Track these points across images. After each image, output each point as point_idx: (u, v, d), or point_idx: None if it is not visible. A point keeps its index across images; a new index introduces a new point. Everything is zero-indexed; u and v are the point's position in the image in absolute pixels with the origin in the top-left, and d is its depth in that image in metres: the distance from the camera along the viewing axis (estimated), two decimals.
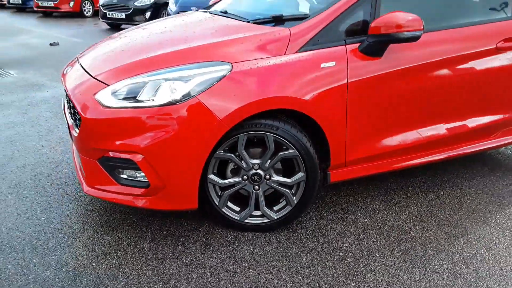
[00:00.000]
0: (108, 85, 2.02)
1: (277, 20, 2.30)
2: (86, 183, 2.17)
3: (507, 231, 2.33)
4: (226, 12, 2.78)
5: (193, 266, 1.96)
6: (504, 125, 2.84)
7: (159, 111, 1.92)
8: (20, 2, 14.65)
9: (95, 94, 2.02)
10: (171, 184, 2.00)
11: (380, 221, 2.39)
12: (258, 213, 2.23)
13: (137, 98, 1.95)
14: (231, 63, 1.99)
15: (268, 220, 2.23)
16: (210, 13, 2.92)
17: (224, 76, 1.95)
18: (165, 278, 1.87)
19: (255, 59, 2.04)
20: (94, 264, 1.96)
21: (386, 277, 1.93)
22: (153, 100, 1.93)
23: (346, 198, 2.65)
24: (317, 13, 2.20)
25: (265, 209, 2.21)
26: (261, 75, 2.01)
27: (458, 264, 2.04)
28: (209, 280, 1.87)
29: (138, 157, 1.96)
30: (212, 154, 2.05)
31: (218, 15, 2.80)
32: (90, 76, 2.15)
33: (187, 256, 2.03)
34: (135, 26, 3.04)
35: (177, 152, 1.94)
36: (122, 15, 10.34)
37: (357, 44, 2.19)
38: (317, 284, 1.86)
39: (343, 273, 1.94)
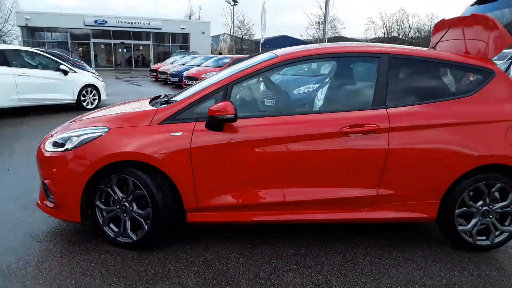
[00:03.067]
0: (51, 138, 3.32)
1: (168, 103, 3.31)
2: (39, 199, 3.44)
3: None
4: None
5: (64, 259, 2.98)
6: (372, 201, 3.16)
7: (62, 154, 3.10)
8: (177, 80, 18.36)
9: (45, 143, 3.33)
10: (64, 203, 3.11)
11: (218, 259, 3.03)
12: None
13: (63, 146, 3.18)
14: (110, 127, 3.09)
15: (131, 240, 3.12)
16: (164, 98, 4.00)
17: (100, 136, 3.05)
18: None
19: (128, 126, 3.09)
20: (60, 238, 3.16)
21: None
22: (63, 147, 3.13)
23: (218, 240, 3.32)
24: (180, 100, 3.16)
25: (129, 231, 3.12)
26: (127, 136, 3.04)
27: None
28: (59, 264, 2.87)
29: (48, 182, 3.15)
30: (97, 186, 3.10)
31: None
32: (50, 134, 3.49)
33: (69, 254, 3.06)
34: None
35: (66, 181, 3.07)
36: None
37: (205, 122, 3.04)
38: (119, 283, 2.68)
39: (143, 281, 2.71)
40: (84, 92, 10.68)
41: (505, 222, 3.31)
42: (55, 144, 3.21)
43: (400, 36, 60.21)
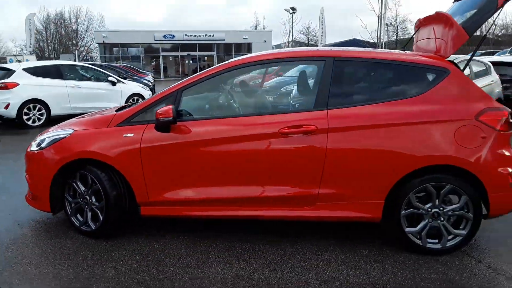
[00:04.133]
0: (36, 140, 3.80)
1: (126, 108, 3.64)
2: (27, 193, 3.93)
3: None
4: None
5: (32, 242, 3.41)
6: (315, 200, 3.20)
7: (37, 153, 3.55)
8: None
9: (31, 143, 3.82)
10: (38, 195, 3.55)
11: (162, 250, 3.26)
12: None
13: (40, 145, 3.63)
14: (74, 129, 3.48)
15: (90, 229, 3.47)
16: None
17: (65, 137, 3.45)
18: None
19: (90, 128, 3.46)
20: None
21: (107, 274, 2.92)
22: (39, 146, 3.58)
23: (174, 233, 3.55)
24: (137, 105, 3.47)
25: (89, 221, 3.47)
26: (88, 137, 3.41)
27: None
28: (25, 246, 3.29)
29: (27, 176, 3.62)
30: (65, 180, 3.50)
31: None
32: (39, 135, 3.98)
33: (38, 238, 3.49)
34: None
35: (38, 175, 3.51)
36: None
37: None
38: (64, 265, 3.03)
39: (84, 264, 3.03)
40: (131, 100, 11.52)
41: (460, 226, 3.18)
42: (37, 144, 3.67)
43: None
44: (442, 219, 3.14)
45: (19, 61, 21.50)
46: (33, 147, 3.66)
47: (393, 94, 3.23)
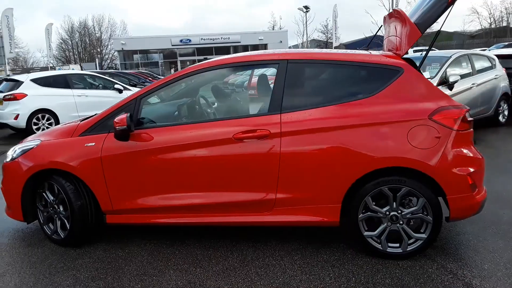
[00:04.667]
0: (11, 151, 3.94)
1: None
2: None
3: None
4: None
5: (5, 251, 3.53)
6: (273, 205, 3.20)
7: (10, 164, 3.68)
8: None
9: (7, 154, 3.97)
10: (11, 205, 3.69)
11: (125, 257, 3.33)
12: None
13: (12, 157, 3.77)
14: (41, 140, 3.59)
15: (60, 238, 3.56)
16: None
17: (32, 148, 3.57)
18: None
19: (56, 139, 3.57)
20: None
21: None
22: (12, 158, 3.72)
23: (142, 240, 3.61)
24: (99, 114, 3.55)
25: (58, 230, 3.57)
26: (53, 147, 3.52)
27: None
28: None
29: (1, 187, 3.76)
30: (35, 190, 3.62)
31: None
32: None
33: (12, 247, 3.62)
34: None
35: (10, 185, 3.64)
36: None
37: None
38: (28, 272, 3.13)
39: (47, 273, 3.12)
40: None
41: (421, 229, 3.11)
42: (11, 155, 3.80)
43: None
44: (401, 222, 3.08)
45: None
46: (8, 158, 3.80)
47: (347, 95, 3.21)
